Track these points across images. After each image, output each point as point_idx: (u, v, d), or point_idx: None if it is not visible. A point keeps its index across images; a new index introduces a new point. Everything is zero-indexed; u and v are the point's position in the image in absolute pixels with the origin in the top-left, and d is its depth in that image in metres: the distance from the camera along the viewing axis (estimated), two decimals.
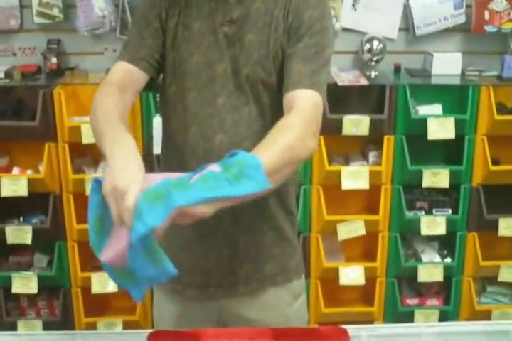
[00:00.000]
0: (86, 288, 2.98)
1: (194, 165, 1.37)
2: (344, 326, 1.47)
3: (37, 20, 3.05)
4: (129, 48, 1.58)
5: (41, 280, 2.96)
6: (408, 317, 3.08)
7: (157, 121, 2.71)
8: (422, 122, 2.86)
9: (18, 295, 3.07)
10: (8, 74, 2.97)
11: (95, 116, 1.42)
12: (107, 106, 1.43)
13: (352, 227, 2.95)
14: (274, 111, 1.56)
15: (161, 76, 1.64)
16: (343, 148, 3.07)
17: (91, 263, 3.08)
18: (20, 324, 3.03)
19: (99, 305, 3.13)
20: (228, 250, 1.61)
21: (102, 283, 2.94)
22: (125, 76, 1.54)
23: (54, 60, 3.02)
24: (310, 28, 1.51)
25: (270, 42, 1.53)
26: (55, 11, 3.03)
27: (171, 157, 1.64)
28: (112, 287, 2.94)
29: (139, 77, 1.56)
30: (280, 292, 1.67)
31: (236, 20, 1.53)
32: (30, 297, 3.09)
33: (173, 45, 1.56)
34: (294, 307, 1.70)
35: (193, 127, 1.56)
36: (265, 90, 1.55)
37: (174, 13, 1.56)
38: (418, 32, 3.10)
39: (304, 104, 1.43)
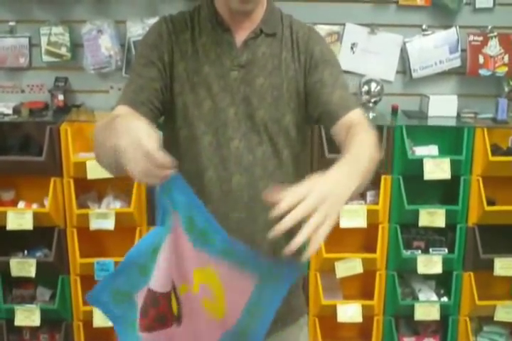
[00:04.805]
0: (88, 322, 2.99)
1: (210, 208, 1.41)
2: None
3: (45, 58, 3.13)
4: (129, 91, 1.57)
5: (44, 314, 2.98)
6: None
7: None
8: (419, 163, 2.92)
9: (20, 328, 3.09)
10: (16, 111, 3.03)
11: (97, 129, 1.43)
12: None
13: (350, 265, 2.98)
14: (288, 151, 1.62)
15: (161, 119, 1.64)
16: None
17: None
18: None
19: (101, 339, 3.11)
20: None
21: (104, 317, 2.93)
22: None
23: (61, 97, 3.08)
24: (327, 61, 1.62)
25: (284, 84, 1.60)
26: (63, 50, 3.11)
27: None
28: None
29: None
30: (290, 327, 1.71)
31: (244, 65, 1.59)
32: (33, 330, 3.10)
33: (183, 90, 1.58)
34: (300, 338, 1.76)
35: (209, 171, 1.58)
36: (280, 130, 1.60)
37: (181, 57, 1.59)
38: (415, 75, 3.19)
39: (364, 121, 1.54)
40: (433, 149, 3.07)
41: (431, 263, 2.99)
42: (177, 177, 1.31)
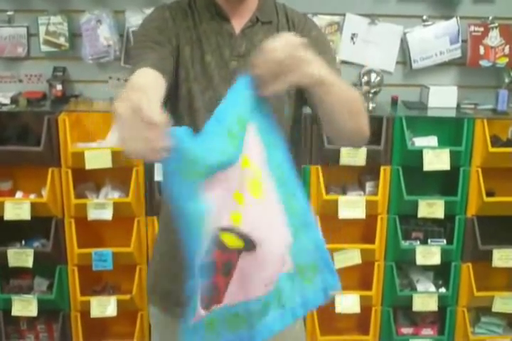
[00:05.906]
0: (85, 312, 2.99)
1: None
2: None
3: (44, 48, 3.12)
4: (150, 58, 1.46)
5: (41, 304, 2.98)
6: None
7: None
8: (418, 154, 2.91)
9: (17, 318, 3.09)
10: (14, 100, 3.02)
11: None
12: None
13: (348, 256, 2.98)
14: (287, 138, 1.59)
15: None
16: (340, 178, 3.12)
17: (91, 287, 3.12)
18: None
19: (98, 329, 3.13)
20: None
21: (101, 307, 2.96)
22: (155, 79, 1.38)
23: (59, 87, 3.08)
24: (324, 45, 1.63)
25: None
26: (62, 40, 3.10)
27: None
28: (110, 311, 2.96)
29: (163, 86, 1.39)
30: None
31: (244, 54, 1.58)
32: (30, 320, 3.10)
33: (188, 77, 1.57)
34: (296, 328, 1.75)
35: None
36: (281, 120, 1.58)
37: (187, 43, 1.58)
38: (415, 65, 3.18)
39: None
40: (432, 140, 3.05)
41: (429, 254, 2.98)
42: (180, 138, 1.13)
